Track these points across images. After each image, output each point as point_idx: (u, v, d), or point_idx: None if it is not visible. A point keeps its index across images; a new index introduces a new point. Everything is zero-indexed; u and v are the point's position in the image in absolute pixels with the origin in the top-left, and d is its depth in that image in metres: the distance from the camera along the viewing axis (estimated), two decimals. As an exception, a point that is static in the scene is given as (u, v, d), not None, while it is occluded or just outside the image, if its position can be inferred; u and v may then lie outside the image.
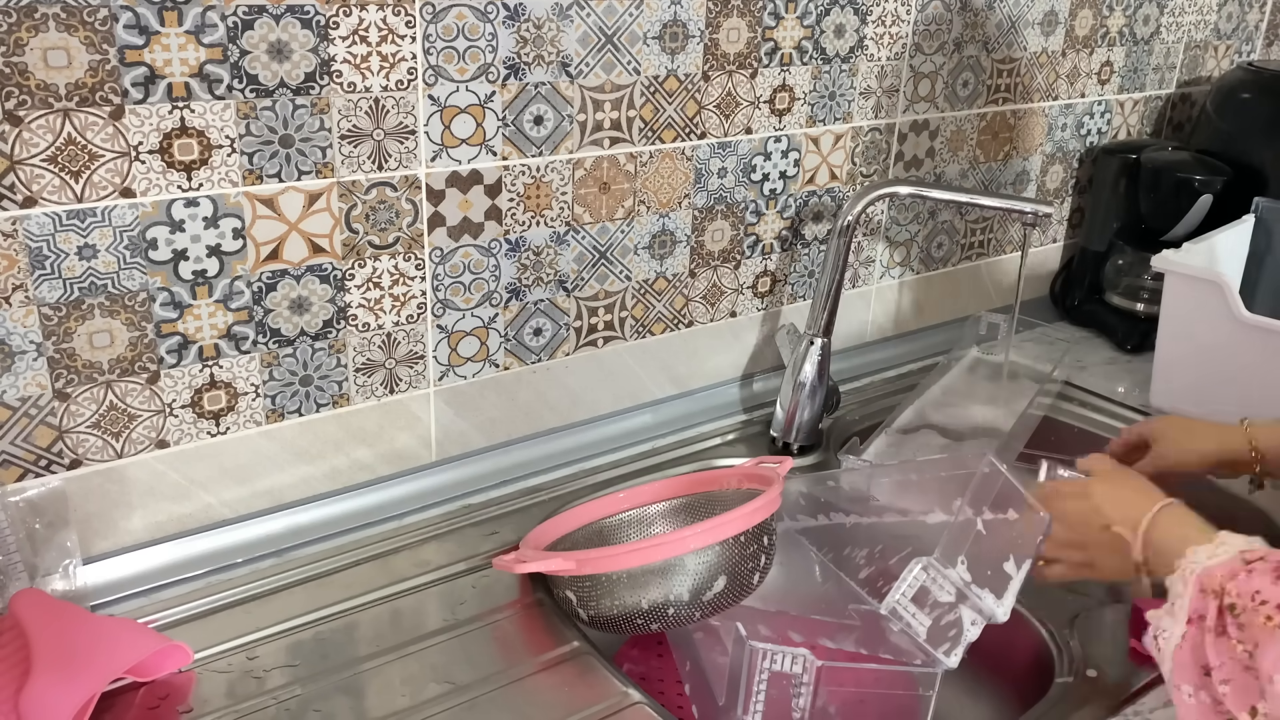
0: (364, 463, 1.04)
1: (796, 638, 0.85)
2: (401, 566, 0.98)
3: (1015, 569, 0.81)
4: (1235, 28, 1.75)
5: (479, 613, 0.92)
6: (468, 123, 0.99)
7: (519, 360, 1.11)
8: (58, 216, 0.82)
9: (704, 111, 1.15)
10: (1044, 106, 1.51)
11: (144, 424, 0.91)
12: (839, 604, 0.87)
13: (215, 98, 0.86)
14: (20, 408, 0.85)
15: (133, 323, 0.88)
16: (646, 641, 0.98)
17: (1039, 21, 1.44)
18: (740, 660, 0.80)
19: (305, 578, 0.95)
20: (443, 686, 0.83)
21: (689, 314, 1.23)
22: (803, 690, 0.79)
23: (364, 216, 0.96)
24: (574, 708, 0.82)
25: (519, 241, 1.06)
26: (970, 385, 1.32)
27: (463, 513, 1.07)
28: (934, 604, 0.78)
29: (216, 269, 0.90)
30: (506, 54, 0.99)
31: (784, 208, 1.27)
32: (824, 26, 1.21)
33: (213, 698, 0.81)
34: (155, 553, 0.93)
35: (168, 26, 0.82)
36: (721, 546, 0.85)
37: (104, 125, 0.82)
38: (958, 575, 0.79)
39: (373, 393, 1.02)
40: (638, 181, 1.12)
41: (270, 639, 0.88)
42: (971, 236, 1.51)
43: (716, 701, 0.83)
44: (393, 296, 1.00)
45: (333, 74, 0.91)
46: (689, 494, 1.03)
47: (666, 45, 1.09)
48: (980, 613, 0.78)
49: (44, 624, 0.80)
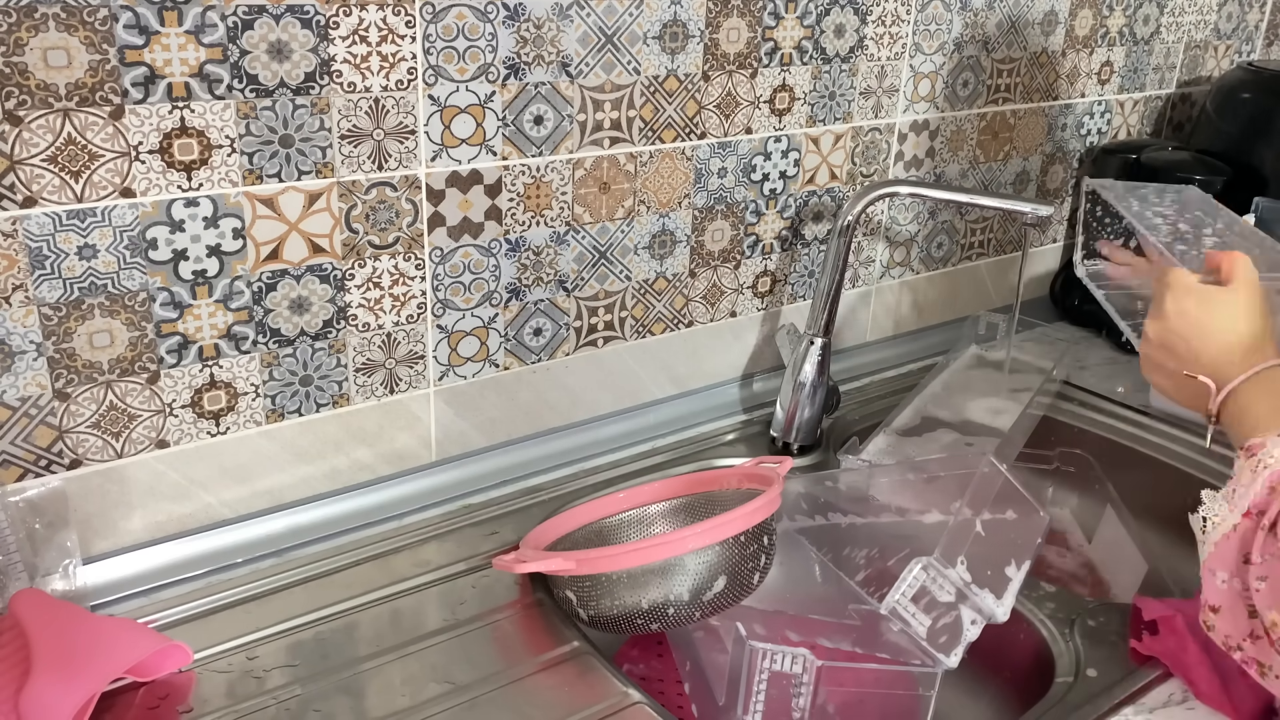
0: (364, 463, 1.04)
1: (796, 637, 0.85)
2: (401, 566, 0.98)
3: (1015, 569, 0.82)
4: (1235, 28, 1.75)
5: (479, 613, 0.92)
6: (468, 123, 0.99)
7: (519, 360, 1.11)
8: (58, 216, 0.82)
9: (704, 111, 1.15)
10: (1044, 106, 1.51)
11: (144, 424, 0.91)
12: (839, 604, 0.87)
13: (215, 98, 0.86)
14: (20, 408, 0.85)
15: (133, 323, 0.88)
16: (646, 641, 0.98)
17: (1039, 21, 1.44)
18: (740, 660, 0.80)
19: (305, 578, 0.95)
20: (443, 686, 0.83)
21: (689, 314, 1.23)
22: (803, 690, 0.79)
23: (364, 216, 0.96)
24: (574, 708, 0.82)
25: (519, 241, 1.06)
26: (969, 384, 1.32)
27: (463, 513, 1.07)
28: (934, 604, 0.78)
29: (216, 269, 0.90)
30: (506, 54, 0.99)
31: (784, 208, 1.27)
32: (824, 26, 1.21)
33: (213, 698, 0.81)
34: (155, 553, 0.93)
35: (168, 26, 0.82)
36: (721, 546, 0.85)
37: (104, 125, 0.82)
38: (957, 575, 0.79)
39: (373, 393, 1.02)
40: (638, 181, 1.12)
41: (270, 639, 0.88)
42: (971, 236, 1.51)
43: (716, 701, 0.84)
44: (393, 296, 1.00)
45: (333, 74, 0.91)
46: (689, 494, 1.03)
47: (666, 45, 1.09)
48: (980, 612, 0.79)
49: (44, 624, 0.80)
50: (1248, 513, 0.71)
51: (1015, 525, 0.83)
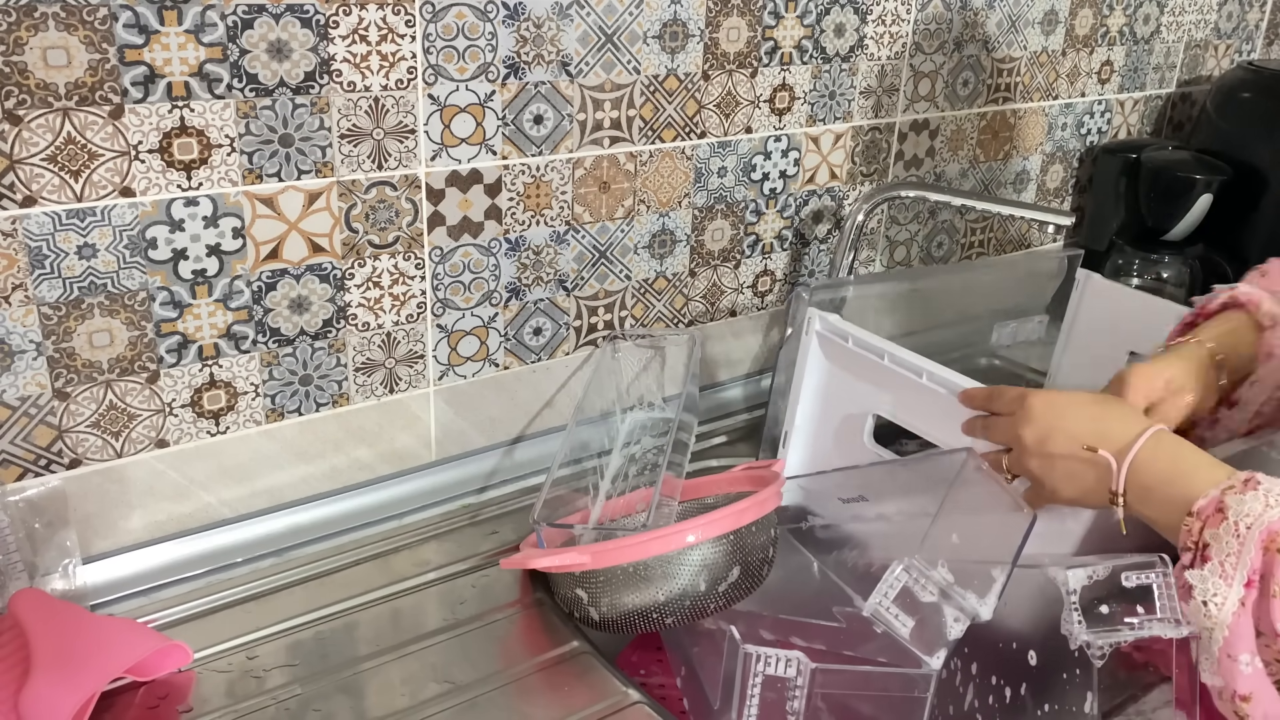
0: (364, 462, 1.04)
1: (790, 640, 0.85)
2: (401, 566, 0.98)
3: (999, 568, 0.81)
4: (1235, 27, 1.75)
5: (479, 613, 0.92)
6: (467, 122, 0.99)
7: (519, 360, 1.11)
8: (57, 216, 0.82)
9: (704, 111, 1.15)
10: (1044, 106, 1.51)
11: (144, 423, 0.91)
12: (828, 606, 0.87)
13: (215, 97, 0.86)
14: (20, 407, 0.85)
15: (132, 322, 0.88)
16: (647, 642, 0.98)
17: (1039, 21, 1.44)
18: (734, 663, 0.80)
19: (305, 577, 0.95)
20: (442, 686, 0.83)
21: (689, 313, 1.23)
22: (797, 693, 0.79)
23: (364, 216, 0.96)
24: (574, 708, 0.82)
25: (519, 241, 1.06)
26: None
27: (463, 513, 1.07)
28: (916, 604, 0.78)
29: (216, 268, 0.90)
30: (506, 53, 0.99)
31: (784, 207, 1.26)
32: (824, 26, 1.21)
33: (212, 697, 0.81)
34: (155, 552, 0.93)
35: (167, 26, 0.82)
36: (736, 535, 0.85)
37: (104, 124, 0.82)
38: (940, 575, 0.79)
39: (372, 392, 1.02)
40: (638, 181, 1.12)
41: (270, 639, 0.88)
42: (971, 236, 1.51)
43: (711, 705, 0.83)
44: (392, 296, 1.00)
45: (332, 73, 0.91)
46: (688, 495, 1.03)
47: (666, 44, 1.09)
48: (963, 611, 0.78)
49: (43, 624, 0.80)
50: (1249, 582, 0.66)
51: (999, 523, 0.83)
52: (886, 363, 0.96)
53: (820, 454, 1.07)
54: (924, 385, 0.94)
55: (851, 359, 1.01)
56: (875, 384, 0.99)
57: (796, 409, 1.07)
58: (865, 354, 0.99)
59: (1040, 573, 0.81)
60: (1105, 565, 0.78)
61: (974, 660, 0.84)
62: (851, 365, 1.02)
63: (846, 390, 1.03)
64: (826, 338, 1.04)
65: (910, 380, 0.95)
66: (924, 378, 0.94)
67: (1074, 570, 0.79)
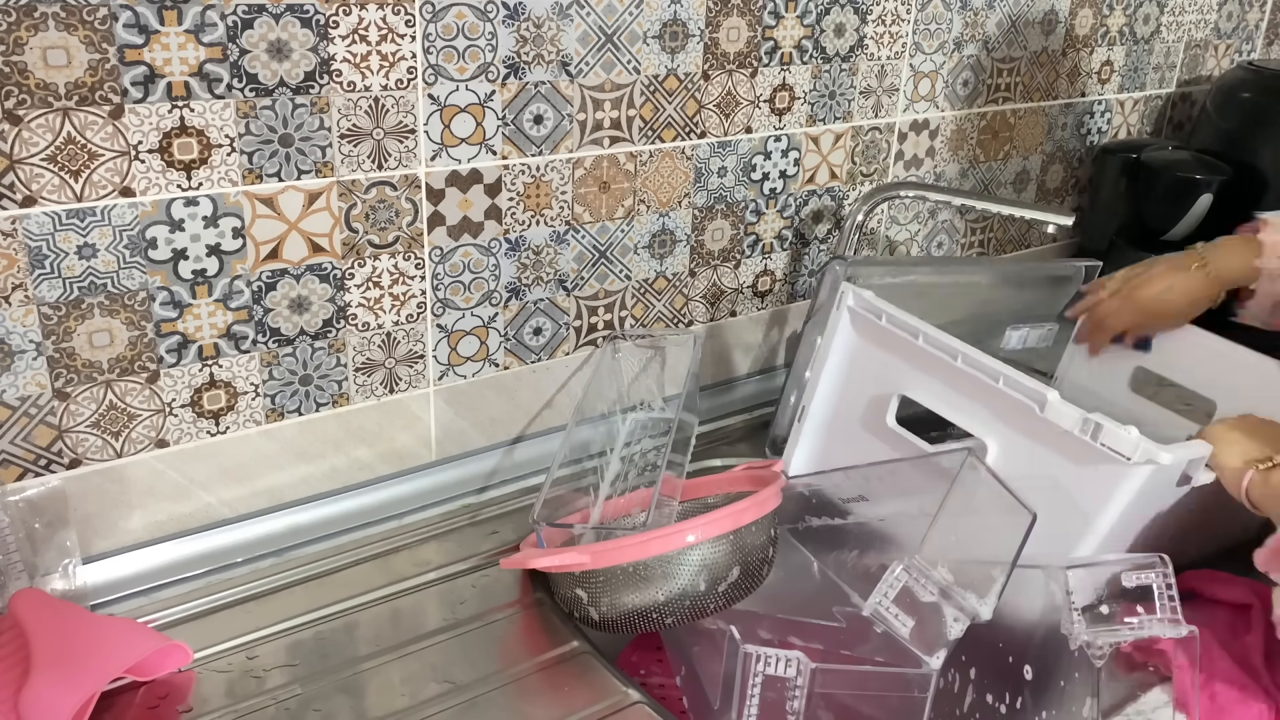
0: (364, 462, 1.04)
1: (790, 640, 0.85)
2: (401, 566, 0.98)
3: (999, 567, 0.81)
4: (1235, 27, 1.75)
5: (479, 613, 0.92)
6: (467, 122, 0.99)
7: (519, 360, 1.11)
8: (57, 216, 0.82)
9: (704, 111, 1.15)
10: (1044, 106, 1.51)
11: (144, 423, 0.91)
12: (828, 606, 0.87)
13: (215, 97, 0.86)
14: (20, 407, 0.85)
15: (132, 322, 0.88)
16: (647, 642, 0.98)
17: (1039, 21, 1.44)
18: (734, 663, 0.80)
19: (305, 577, 0.95)
20: (442, 686, 0.83)
21: (689, 313, 1.23)
22: (797, 693, 0.79)
23: (364, 216, 0.96)
24: (574, 708, 0.82)
25: (519, 241, 1.06)
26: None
27: (463, 512, 1.07)
28: (916, 604, 0.78)
29: (216, 268, 0.90)
30: (506, 53, 0.99)
31: (784, 207, 1.26)
32: (824, 25, 1.21)
33: (212, 697, 0.81)
34: (155, 552, 0.93)
35: (167, 25, 0.82)
36: (735, 535, 0.85)
37: (103, 124, 0.82)
38: (940, 575, 0.79)
39: (372, 392, 1.02)
40: (637, 181, 1.12)
41: (270, 639, 0.88)
42: (971, 236, 1.51)
43: (711, 705, 0.83)
44: (392, 296, 1.00)
45: (332, 73, 0.91)
46: (688, 495, 1.03)
47: (666, 44, 1.09)
48: (963, 611, 0.78)
49: (43, 624, 0.80)
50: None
51: (999, 523, 0.83)
52: (920, 342, 0.95)
53: (838, 433, 1.04)
54: (959, 368, 0.92)
55: (882, 336, 0.98)
56: (906, 363, 0.97)
57: (818, 385, 1.05)
58: (898, 332, 0.97)
59: (1040, 573, 0.81)
60: (1105, 565, 0.78)
61: (973, 665, 0.84)
62: (883, 342, 0.99)
63: (874, 369, 1.00)
64: (858, 313, 1.01)
65: (943, 362, 0.93)
66: (959, 360, 0.93)
67: (1074, 570, 0.79)
